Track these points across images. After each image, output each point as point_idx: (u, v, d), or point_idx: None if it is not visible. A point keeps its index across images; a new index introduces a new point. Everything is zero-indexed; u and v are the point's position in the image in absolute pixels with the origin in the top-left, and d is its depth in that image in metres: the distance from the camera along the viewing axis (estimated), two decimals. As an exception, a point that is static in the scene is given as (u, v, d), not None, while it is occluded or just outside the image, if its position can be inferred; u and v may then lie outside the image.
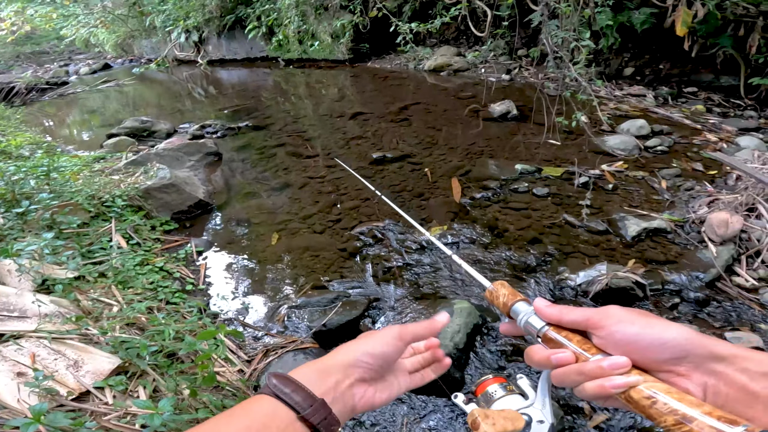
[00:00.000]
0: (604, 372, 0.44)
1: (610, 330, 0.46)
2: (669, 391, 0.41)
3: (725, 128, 3.53)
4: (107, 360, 1.34)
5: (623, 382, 0.43)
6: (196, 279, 2.12)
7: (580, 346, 0.48)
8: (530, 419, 0.53)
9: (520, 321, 0.54)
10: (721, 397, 0.41)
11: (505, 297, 0.56)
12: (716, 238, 2.16)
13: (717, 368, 0.42)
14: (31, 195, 2.31)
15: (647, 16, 4.08)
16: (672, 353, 0.43)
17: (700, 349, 0.42)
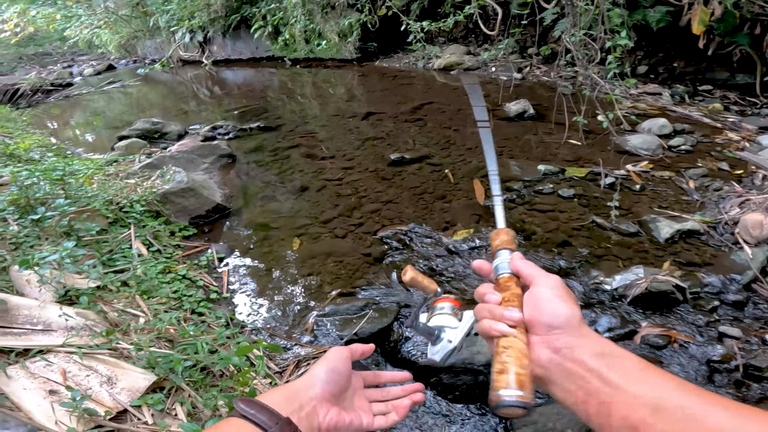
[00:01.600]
0: (501, 317, 0.53)
1: (534, 288, 0.55)
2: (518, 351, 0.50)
3: (745, 127, 3.47)
4: (142, 376, 1.29)
5: (501, 329, 0.52)
6: (220, 287, 2.07)
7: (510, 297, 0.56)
8: (443, 336, 0.63)
9: (495, 262, 0.62)
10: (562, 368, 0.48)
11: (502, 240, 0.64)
12: (750, 239, 2.11)
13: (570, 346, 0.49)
14: (46, 201, 2.26)
15: (663, 14, 4.03)
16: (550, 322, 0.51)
17: (570, 329, 0.50)
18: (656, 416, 0.40)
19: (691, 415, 0.39)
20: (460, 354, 1.60)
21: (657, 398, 0.42)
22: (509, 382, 0.48)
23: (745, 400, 1.44)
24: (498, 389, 0.48)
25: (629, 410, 0.42)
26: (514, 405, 0.46)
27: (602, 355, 0.47)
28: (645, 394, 0.42)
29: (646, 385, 0.43)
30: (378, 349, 1.76)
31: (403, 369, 1.66)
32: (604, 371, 0.46)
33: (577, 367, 0.48)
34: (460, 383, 1.56)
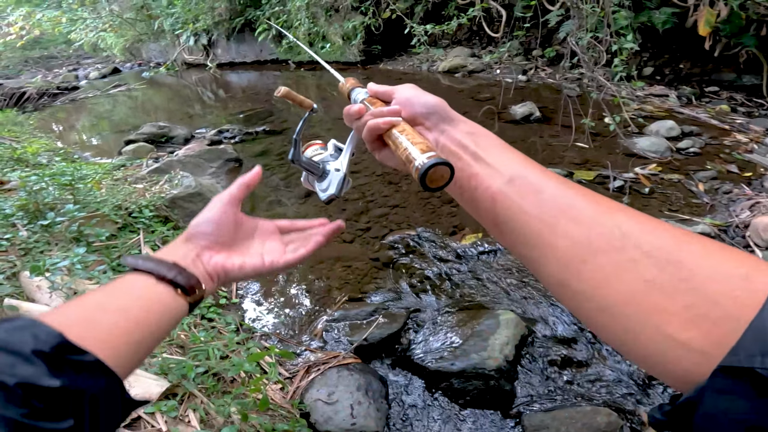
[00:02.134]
0: (383, 112, 0.56)
1: (398, 94, 0.58)
2: (412, 131, 0.52)
3: (753, 128, 3.46)
4: (155, 383, 1.29)
5: (390, 120, 0.54)
6: (229, 292, 2.07)
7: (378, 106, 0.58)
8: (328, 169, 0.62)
9: (352, 99, 0.64)
10: (446, 149, 0.52)
11: (351, 84, 0.66)
12: (762, 242, 2.10)
13: (446, 127, 0.53)
14: (55, 206, 2.27)
15: (668, 16, 4.02)
16: (426, 109, 0.55)
17: (441, 111, 0.54)
18: (509, 186, 0.45)
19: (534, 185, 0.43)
20: (470, 359, 1.59)
21: (510, 170, 0.46)
22: (423, 149, 0.48)
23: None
24: (415, 160, 0.47)
25: (490, 181, 0.46)
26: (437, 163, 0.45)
27: (471, 133, 0.52)
28: (501, 166, 0.47)
29: (503, 158, 0.48)
30: (388, 354, 1.76)
31: (413, 372, 1.66)
32: (472, 146, 0.50)
33: (454, 146, 0.51)
34: (471, 388, 1.55)
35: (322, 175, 0.62)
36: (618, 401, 1.47)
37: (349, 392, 1.53)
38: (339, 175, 0.62)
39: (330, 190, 0.62)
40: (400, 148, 0.51)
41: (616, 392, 1.50)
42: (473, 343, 1.67)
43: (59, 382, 0.33)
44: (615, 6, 3.45)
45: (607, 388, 1.52)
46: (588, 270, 0.36)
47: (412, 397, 1.59)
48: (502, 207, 0.44)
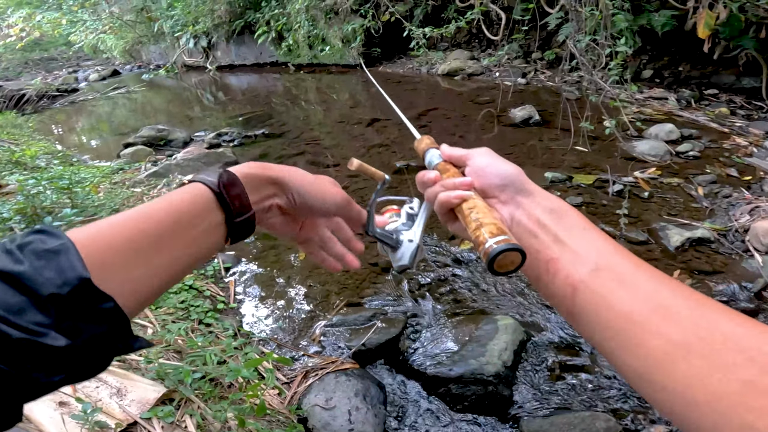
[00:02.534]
0: (454, 185, 0.54)
1: (472, 161, 0.57)
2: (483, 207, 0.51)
3: (752, 131, 3.46)
4: (152, 388, 1.29)
5: (460, 194, 0.53)
6: (227, 297, 2.06)
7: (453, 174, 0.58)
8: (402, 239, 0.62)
9: (426, 161, 0.64)
10: (522, 225, 0.50)
11: (426, 144, 0.66)
12: (762, 247, 2.10)
13: (523, 201, 0.51)
14: (53, 210, 2.26)
15: (668, 18, 4.02)
16: (500, 180, 0.53)
17: (517, 182, 0.52)
18: (593, 276, 0.42)
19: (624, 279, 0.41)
20: (469, 365, 1.59)
21: (596, 259, 0.43)
22: (492, 232, 0.46)
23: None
24: (484, 243, 0.45)
25: (572, 268, 0.44)
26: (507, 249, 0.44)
27: (552, 210, 0.48)
28: (586, 253, 0.44)
29: (587, 242, 0.45)
30: (386, 359, 1.75)
31: (411, 378, 1.65)
32: (553, 226, 0.47)
33: (531, 224, 0.49)
34: (470, 393, 1.54)
35: (395, 246, 0.62)
36: (617, 407, 1.47)
37: (347, 398, 1.52)
38: (412, 246, 0.61)
39: (402, 260, 0.61)
40: (470, 226, 0.50)
41: (615, 398, 1.50)
42: (472, 349, 1.67)
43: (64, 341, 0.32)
44: (614, 9, 3.46)
45: (606, 393, 1.51)
46: (680, 370, 0.34)
47: (410, 403, 1.58)
48: (583, 298, 0.42)
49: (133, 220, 0.41)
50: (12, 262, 0.33)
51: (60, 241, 0.35)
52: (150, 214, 0.42)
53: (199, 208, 0.46)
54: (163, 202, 0.44)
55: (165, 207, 0.43)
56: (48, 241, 0.35)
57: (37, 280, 0.32)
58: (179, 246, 0.43)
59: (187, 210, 0.45)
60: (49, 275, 0.33)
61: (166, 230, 0.42)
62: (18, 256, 0.33)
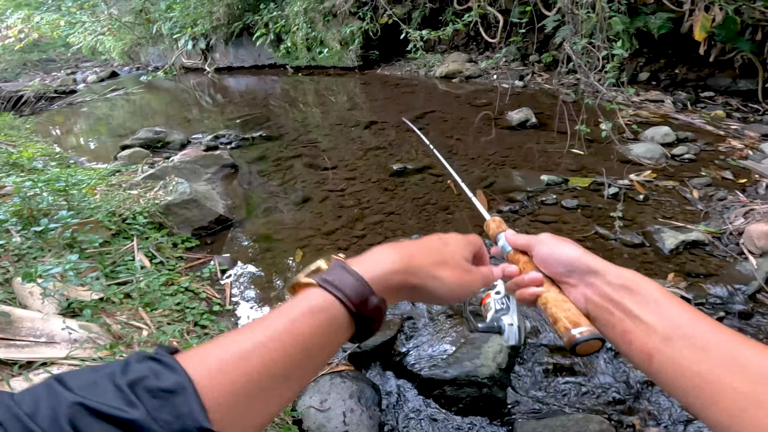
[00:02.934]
0: (525, 283, 0.59)
1: (536, 251, 0.61)
2: (555, 300, 0.56)
3: (748, 134, 3.47)
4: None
5: (533, 291, 0.58)
6: (223, 299, 2.06)
7: (524, 266, 0.64)
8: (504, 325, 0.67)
9: (499, 246, 0.71)
10: (595, 304, 0.52)
11: (494, 229, 0.74)
12: (756, 249, 2.11)
13: (592, 281, 0.53)
14: (49, 212, 2.26)
15: (664, 21, 4.04)
16: (565, 268, 0.56)
17: (581, 265, 0.55)
18: (666, 344, 0.45)
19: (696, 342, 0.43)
20: (464, 367, 1.59)
21: (668, 328, 0.46)
22: (566, 324, 0.52)
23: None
24: (565, 333, 0.52)
25: (646, 339, 0.46)
26: (587, 339, 0.50)
27: (624, 287, 0.51)
28: (658, 324, 0.46)
29: (659, 316, 0.47)
30: (381, 361, 1.75)
31: (406, 380, 1.66)
32: (627, 303, 0.50)
33: (604, 301, 0.52)
34: (464, 395, 1.55)
35: (500, 332, 0.68)
36: (610, 409, 1.47)
37: (341, 399, 1.52)
38: (514, 329, 0.67)
39: (511, 341, 0.67)
40: (548, 314, 0.56)
41: (608, 400, 1.50)
42: (466, 351, 1.67)
43: None
44: (611, 12, 3.48)
45: (600, 396, 1.52)
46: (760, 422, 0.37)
47: (405, 405, 1.58)
48: (660, 363, 0.45)
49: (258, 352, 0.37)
50: (125, 404, 0.30)
51: (177, 377, 0.32)
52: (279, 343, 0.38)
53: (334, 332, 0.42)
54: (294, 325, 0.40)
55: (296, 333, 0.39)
56: (163, 375, 0.32)
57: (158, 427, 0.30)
58: (305, 375, 0.41)
59: (319, 338, 0.40)
60: (166, 419, 0.30)
61: (294, 362, 0.39)
62: (131, 397, 0.30)
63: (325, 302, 0.42)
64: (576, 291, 0.55)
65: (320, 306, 0.42)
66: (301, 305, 0.41)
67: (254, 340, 0.38)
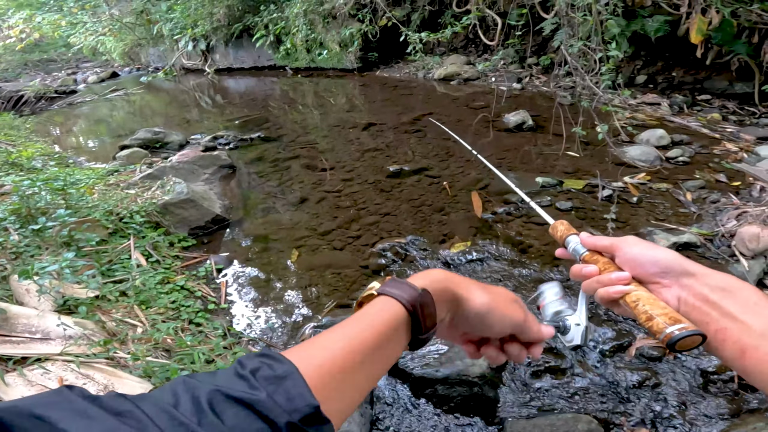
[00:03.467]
0: (612, 281, 0.59)
1: (623, 251, 0.61)
2: (648, 298, 0.56)
3: (744, 137, 3.49)
4: (138, 385, 1.31)
5: (620, 289, 0.58)
6: (218, 297, 2.08)
7: (603, 266, 0.63)
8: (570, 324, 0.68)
9: (570, 248, 0.71)
10: (689, 304, 0.54)
11: (562, 231, 0.74)
12: (747, 252, 2.12)
13: (687, 282, 0.55)
14: (47, 210, 2.28)
15: (661, 23, 4.05)
16: (659, 268, 0.57)
17: (677, 267, 0.56)
18: (761, 340, 0.47)
19: None
20: (455, 366, 1.61)
21: (764, 326, 0.48)
22: (666, 321, 0.52)
23: (740, 410, 1.45)
24: (661, 332, 0.52)
25: (740, 335, 0.49)
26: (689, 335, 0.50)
27: (721, 288, 0.52)
28: (755, 323, 0.49)
29: (757, 316, 0.49)
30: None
31: (398, 379, 1.67)
32: (724, 305, 0.51)
33: (699, 302, 0.53)
34: (455, 394, 1.56)
35: (564, 331, 0.69)
36: (598, 409, 1.49)
37: (334, 397, 1.54)
38: (581, 329, 0.68)
39: (575, 341, 0.68)
40: (638, 313, 0.56)
41: (597, 400, 1.52)
42: (458, 350, 1.68)
43: None
44: (607, 14, 3.50)
45: (588, 396, 1.53)
46: None
47: (396, 403, 1.60)
48: (754, 358, 0.47)
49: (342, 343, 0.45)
50: (249, 388, 0.37)
51: (286, 366, 0.40)
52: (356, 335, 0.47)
53: (396, 327, 0.49)
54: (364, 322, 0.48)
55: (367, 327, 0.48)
56: (275, 366, 0.40)
57: (274, 410, 0.36)
58: (378, 363, 0.48)
59: (386, 330, 0.48)
60: (281, 400, 0.37)
61: (369, 350, 0.46)
62: (253, 382, 0.38)
63: (387, 303, 0.51)
64: (668, 291, 0.56)
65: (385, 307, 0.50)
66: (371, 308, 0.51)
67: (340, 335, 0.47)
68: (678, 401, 1.49)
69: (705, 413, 1.45)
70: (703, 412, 1.45)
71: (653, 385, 1.55)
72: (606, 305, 0.62)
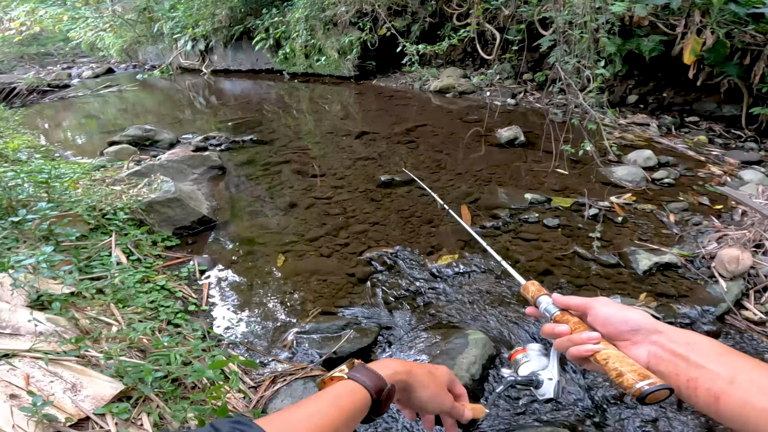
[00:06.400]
0: (583, 340, 0.64)
1: (595, 311, 0.66)
2: (617, 356, 0.61)
3: (728, 161, 3.55)
4: (109, 384, 1.27)
5: (591, 348, 0.63)
6: (199, 299, 2.05)
7: (574, 326, 0.68)
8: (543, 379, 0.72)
9: (541, 308, 0.76)
10: (659, 357, 0.59)
11: (533, 291, 0.79)
12: (726, 273, 2.15)
13: (657, 339, 0.60)
14: (28, 203, 2.24)
15: (656, 43, 4.10)
16: (630, 327, 0.62)
17: (648, 325, 0.62)
18: (732, 387, 0.51)
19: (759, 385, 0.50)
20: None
21: (732, 373, 0.52)
22: (635, 377, 0.57)
23: (711, 427, 1.45)
24: (631, 386, 0.56)
25: (710, 383, 0.53)
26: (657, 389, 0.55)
27: (686, 343, 0.58)
28: (722, 371, 0.53)
29: (722, 364, 0.54)
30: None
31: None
32: (691, 356, 0.56)
33: (669, 355, 0.58)
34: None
35: (538, 385, 0.73)
36: (577, 423, 1.48)
37: (311, 405, 1.51)
38: (553, 383, 0.72)
39: (548, 395, 0.72)
40: (609, 370, 0.60)
41: (577, 414, 1.51)
42: (441, 361, 1.67)
43: None
44: (603, 33, 3.55)
45: (568, 409, 1.53)
46: None
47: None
48: (727, 403, 0.51)
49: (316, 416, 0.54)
50: None
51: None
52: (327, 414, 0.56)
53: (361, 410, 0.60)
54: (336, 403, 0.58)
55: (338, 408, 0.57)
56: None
57: None
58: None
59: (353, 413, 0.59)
60: None
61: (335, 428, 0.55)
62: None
63: (356, 388, 0.61)
64: (638, 348, 0.61)
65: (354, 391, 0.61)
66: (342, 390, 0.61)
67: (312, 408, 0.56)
68: (651, 417, 1.49)
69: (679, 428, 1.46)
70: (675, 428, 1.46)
71: (630, 399, 1.55)
72: (577, 363, 0.66)
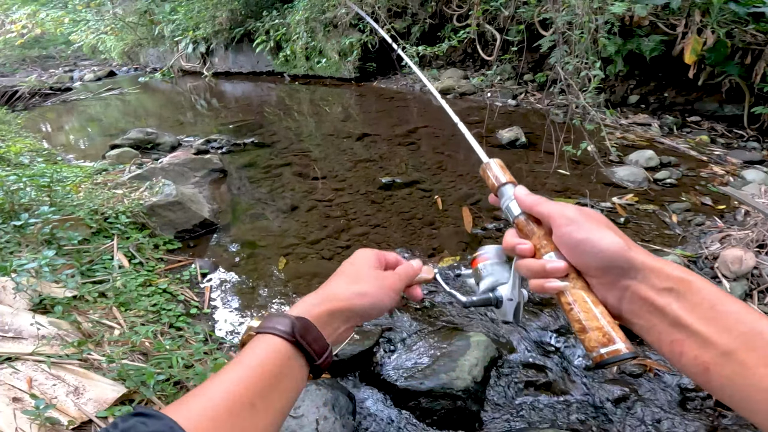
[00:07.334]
0: (546, 273, 0.51)
1: (563, 231, 0.50)
2: (584, 302, 0.48)
3: (730, 160, 3.54)
4: (111, 387, 1.27)
5: (555, 285, 0.50)
6: (201, 302, 2.05)
7: (539, 241, 0.54)
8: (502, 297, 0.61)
9: (503, 203, 0.61)
10: (633, 311, 0.46)
11: (495, 177, 0.62)
12: (730, 274, 2.14)
13: (630, 283, 0.46)
14: (30, 207, 2.25)
15: (657, 43, 4.09)
16: (600, 262, 0.47)
17: (621, 261, 0.46)
18: (727, 359, 0.39)
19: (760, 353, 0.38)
20: (439, 379, 1.59)
21: (729, 340, 0.40)
22: (599, 340, 0.46)
23: (716, 427, 1.45)
24: (592, 350, 0.46)
25: (699, 350, 0.41)
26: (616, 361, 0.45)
27: (669, 290, 0.44)
28: (714, 335, 0.40)
29: (715, 325, 0.41)
30: (358, 371, 1.75)
31: (382, 390, 1.65)
32: (673, 309, 0.43)
33: (645, 307, 0.45)
34: (439, 407, 1.55)
35: (497, 304, 0.63)
36: (581, 425, 1.48)
37: (315, 407, 1.51)
38: (512, 305, 0.61)
39: (507, 317, 0.63)
40: (572, 320, 0.49)
41: (580, 416, 1.51)
42: (443, 363, 1.67)
43: None
44: (603, 34, 3.55)
45: (572, 412, 1.53)
46: None
47: (379, 415, 1.58)
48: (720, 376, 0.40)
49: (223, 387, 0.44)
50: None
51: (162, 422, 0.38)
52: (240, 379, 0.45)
53: (281, 362, 0.48)
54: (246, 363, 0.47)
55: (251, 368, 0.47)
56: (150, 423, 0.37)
57: None
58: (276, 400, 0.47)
59: (272, 367, 0.47)
60: None
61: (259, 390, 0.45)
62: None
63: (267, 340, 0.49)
64: (608, 290, 0.48)
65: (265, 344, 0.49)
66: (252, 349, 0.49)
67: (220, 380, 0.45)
68: (654, 418, 1.48)
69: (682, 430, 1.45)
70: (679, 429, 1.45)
71: (633, 400, 1.55)
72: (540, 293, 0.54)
